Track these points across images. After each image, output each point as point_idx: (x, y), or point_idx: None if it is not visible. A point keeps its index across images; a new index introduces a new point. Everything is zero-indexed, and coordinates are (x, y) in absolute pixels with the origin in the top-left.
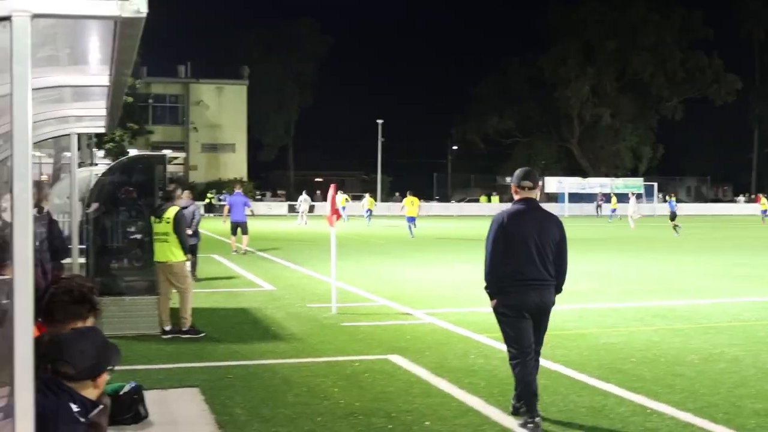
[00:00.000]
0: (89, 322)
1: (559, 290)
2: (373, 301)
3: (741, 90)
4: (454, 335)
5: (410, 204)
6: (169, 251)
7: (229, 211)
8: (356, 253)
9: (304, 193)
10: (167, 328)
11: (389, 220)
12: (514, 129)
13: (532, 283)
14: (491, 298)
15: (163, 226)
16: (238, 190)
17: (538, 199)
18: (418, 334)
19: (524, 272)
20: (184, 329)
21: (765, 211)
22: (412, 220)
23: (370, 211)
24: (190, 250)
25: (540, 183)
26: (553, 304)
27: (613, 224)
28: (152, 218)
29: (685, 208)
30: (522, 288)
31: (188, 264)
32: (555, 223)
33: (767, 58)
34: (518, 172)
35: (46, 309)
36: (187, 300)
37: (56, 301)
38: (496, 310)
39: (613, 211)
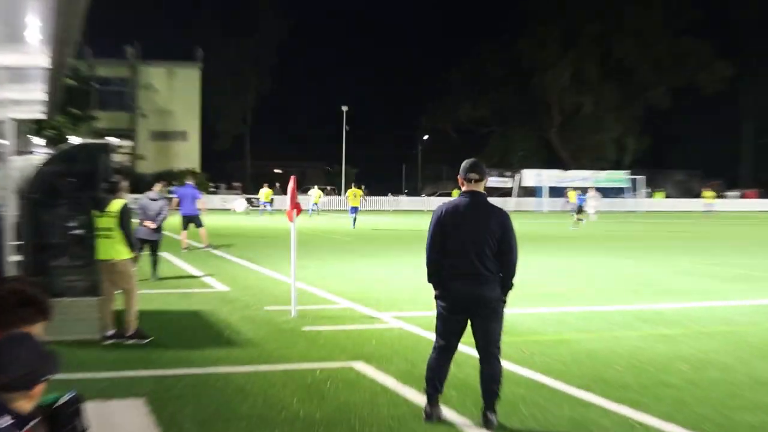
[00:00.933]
0: (38, 328)
1: (505, 286)
2: (336, 303)
3: (732, 77)
4: (424, 340)
5: (353, 196)
6: (112, 248)
7: (179, 205)
8: (319, 251)
9: (239, 198)
10: (110, 332)
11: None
12: (489, 118)
13: (465, 277)
14: (435, 290)
15: (106, 221)
16: (188, 182)
17: (484, 191)
18: (384, 340)
19: (457, 265)
20: (128, 334)
21: (710, 206)
22: (354, 211)
23: (316, 205)
24: (152, 248)
25: (487, 176)
26: (497, 300)
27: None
28: (95, 212)
29: (672, 204)
30: (455, 281)
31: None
32: (497, 216)
33: (758, 42)
34: (465, 163)
35: None
36: (132, 301)
37: (1, 303)
38: (436, 302)
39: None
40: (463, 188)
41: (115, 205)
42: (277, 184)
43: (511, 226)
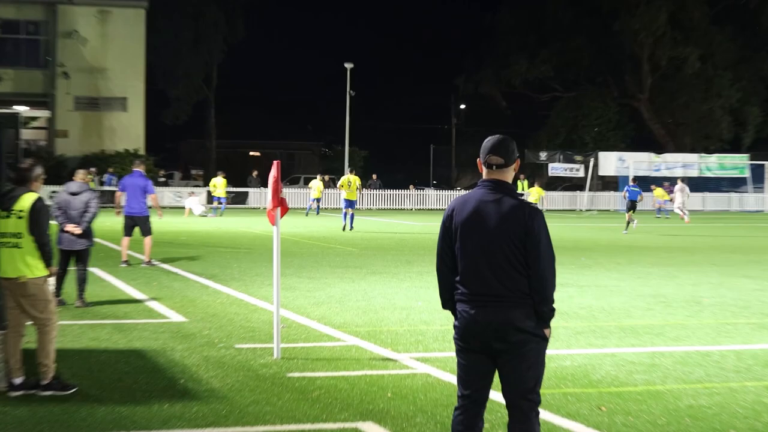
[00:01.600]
0: None
1: (540, 313)
2: (336, 339)
3: None
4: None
5: (347, 185)
6: (21, 262)
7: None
8: (312, 266)
9: (189, 194)
10: (17, 380)
11: (366, 216)
12: (552, 79)
13: (478, 300)
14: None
15: (13, 224)
16: (137, 169)
17: (510, 180)
18: (403, 391)
19: (467, 284)
20: (44, 382)
21: (662, 204)
22: (350, 205)
23: (317, 200)
24: (78, 261)
25: (517, 160)
26: (526, 330)
27: (670, 221)
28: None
29: None
30: (466, 306)
31: (51, 281)
32: (522, 216)
33: None
34: (486, 141)
35: None
36: (49, 337)
37: None
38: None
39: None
40: (483, 176)
41: (25, 200)
42: (255, 173)
43: (539, 228)
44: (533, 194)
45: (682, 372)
